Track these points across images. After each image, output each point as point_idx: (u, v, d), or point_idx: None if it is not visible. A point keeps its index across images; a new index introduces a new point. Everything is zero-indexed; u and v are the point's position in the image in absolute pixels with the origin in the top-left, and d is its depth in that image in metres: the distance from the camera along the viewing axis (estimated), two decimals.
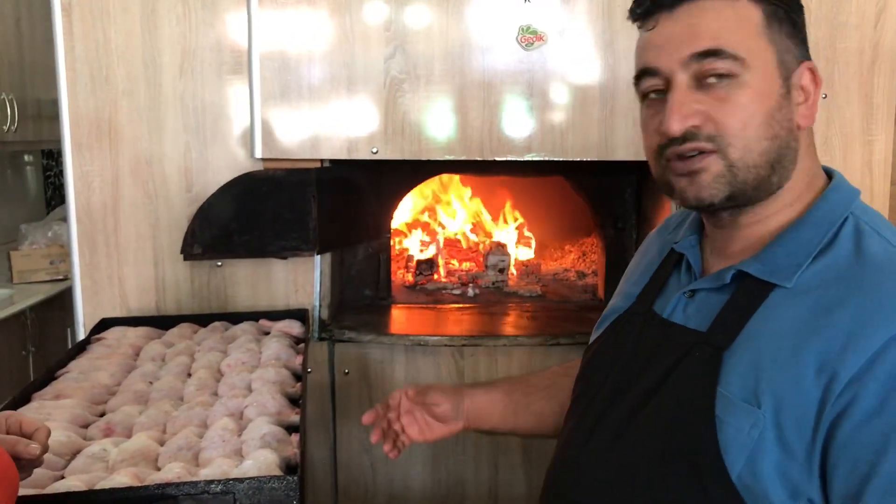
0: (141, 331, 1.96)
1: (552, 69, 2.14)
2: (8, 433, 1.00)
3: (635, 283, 1.13)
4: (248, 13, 2.09)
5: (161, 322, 2.04)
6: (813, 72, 0.94)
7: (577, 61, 2.14)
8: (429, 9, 2.11)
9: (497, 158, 2.17)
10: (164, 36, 2.13)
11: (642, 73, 0.96)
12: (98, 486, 1.14)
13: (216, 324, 2.02)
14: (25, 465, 0.98)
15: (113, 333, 1.95)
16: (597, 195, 2.62)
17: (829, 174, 0.99)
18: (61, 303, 3.70)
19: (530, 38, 2.11)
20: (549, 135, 2.17)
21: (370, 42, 2.11)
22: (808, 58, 0.95)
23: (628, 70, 2.10)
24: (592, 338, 1.18)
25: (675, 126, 0.90)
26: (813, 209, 0.93)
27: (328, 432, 2.27)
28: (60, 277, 3.75)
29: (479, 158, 2.17)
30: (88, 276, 2.19)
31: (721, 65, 0.88)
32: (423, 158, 2.18)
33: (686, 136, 0.90)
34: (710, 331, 0.92)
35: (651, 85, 0.95)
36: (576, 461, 1.02)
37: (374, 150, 2.14)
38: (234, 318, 2.07)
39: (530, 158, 2.18)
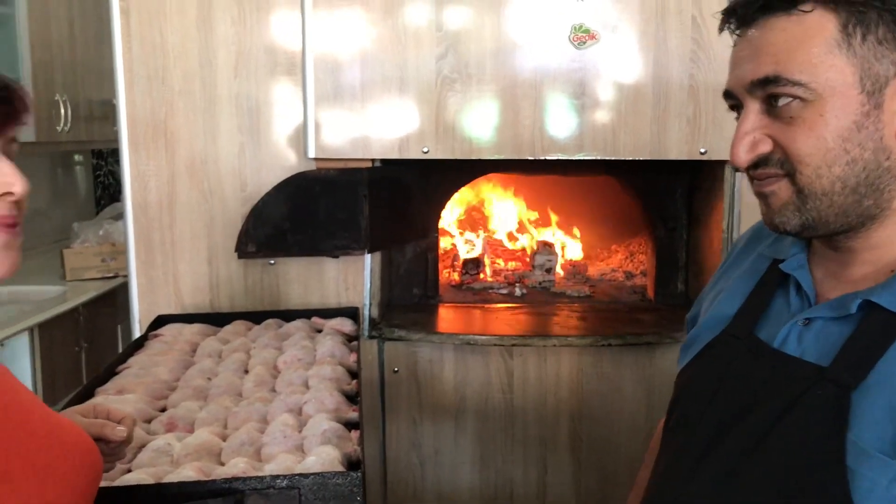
0: (196, 327, 2.00)
1: (604, 68, 2.13)
2: None
3: (728, 302, 1.02)
4: (302, 15, 2.12)
5: (215, 319, 2.07)
6: None
7: (629, 60, 2.13)
8: (480, 9, 2.11)
9: (548, 157, 2.17)
10: (219, 37, 2.16)
11: (725, 93, 0.92)
12: (165, 480, 1.16)
13: (270, 321, 2.05)
14: (108, 456, 1.01)
15: (169, 330, 1.98)
16: (647, 195, 2.59)
17: None
18: (112, 300, 3.77)
19: (583, 36, 2.10)
20: (601, 134, 2.16)
21: (422, 42, 2.12)
22: None
23: (681, 68, 2.11)
24: (683, 361, 1.08)
25: (740, 157, 0.86)
26: None
27: (377, 430, 2.28)
28: (111, 275, 3.82)
29: (529, 157, 2.17)
30: (144, 273, 2.23)
31: (782, 90, 0.82)
32: (474, 158, 2.18)
33: (758, 162, 0.86)
34: (834, 366, 0.82)
35: (732, 104, 0.92)
36: (676, 499, 0.94)
37: (425, 149, 2.15)
38: (287, 315, 2.09)
39: (582, 157, 2.17)
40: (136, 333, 2.24)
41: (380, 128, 2.15)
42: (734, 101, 0.90)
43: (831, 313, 0.87)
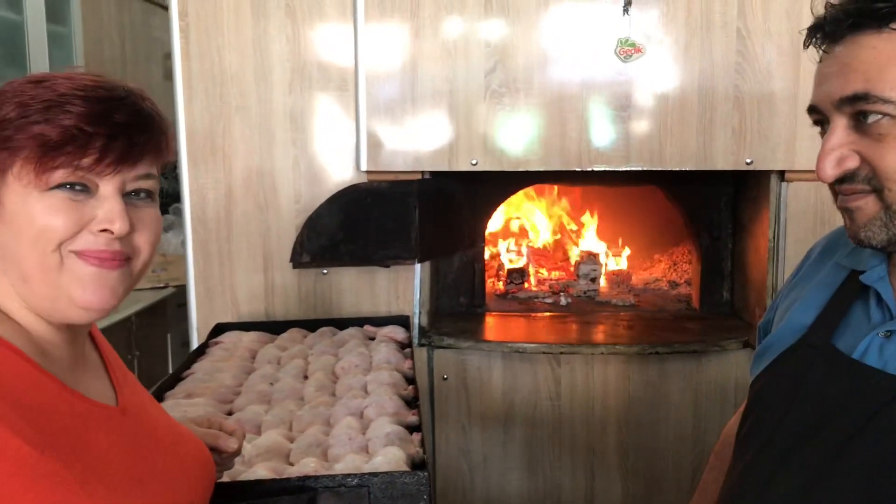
0: (254, 335, 2.06)
1: (649, 80, 2.17)
2: None
3: (804, 311, 1.02)
4: (355, 28, 2.18)
5: (271, 327, 2.13)
6: None
7: (674, 72, 2.16)
8: (527, 24, 2.16)
9: (595, 168, 2.21)
10: (273, 54, 2.23)
11: (810, 108, 0.93)
12: (241, 479, 1.22)
13: (324, 329, 2.11)
14: (219, 465, 1.07)
15: (229, 337, 2.05)
16: (692, 204, 2.62)
17: None
18: (162, 309, 3.88)
19: (629, 50, 2.14)
20: (647, 145, 2.19)
21: (471, 57, 2.17)
22: None
23: (726, 80, 2.14)
24: (757, 369, 1.08)
25: (826, 173, 0.87)
26: None
27: (427, 436, 2.32)
28: (161, 285, 3.93)
29: (577, 169, 2.21)
30: (202, 282, 2.31)
31: (872, 107, 0.83)
32: (522, 170, 2.23)
33: (844, 178, 0.87)
34: None
35: (816, 119, 0.93)
36: (760, 500, 0.95)
37: (474, 161, 2.20)
38: (340, 323, 2.15)
39: (629, 168, 2.21)
40: (194, 341, 2.31)
41: (429, 141, 2.21)
42: (819, 115, 0.91)
43: None
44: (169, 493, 0.88)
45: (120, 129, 0.81)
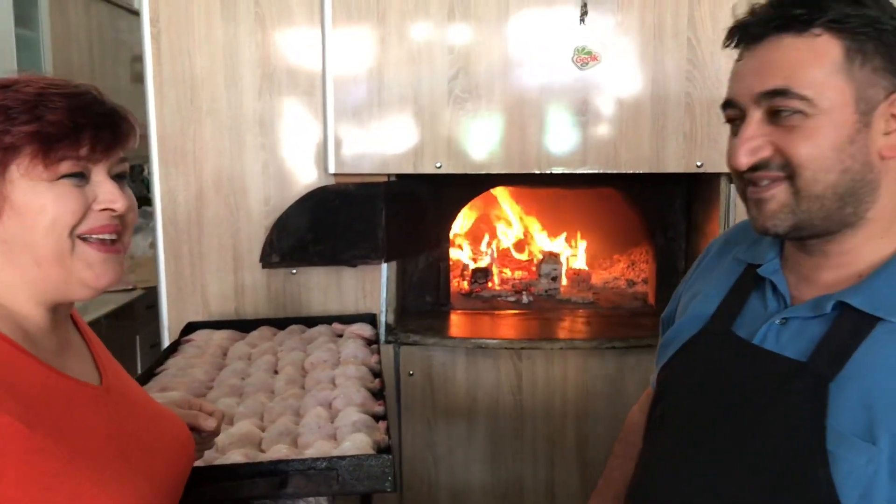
0: (225, 333, 2.13)
1: (605, 87, 2.27)
2: None
3: (706, 302, 1.10)
4: (322, 33, 2.26)
5: (241, 325, 2.20)
6: None
7: (629, 79, 2.27)
8: (488, 33, 2.25)
9: (554, 171, 2.30)
10: (243, 59, 2.30)
11: (725, 104, 1.00)
12: (217, 463, 1.29)
13: (293, 327, 2.18)
14: (198, 444, 1.14)
15: (200, 336, 2.11)
16: (647, 206, 2.73)
17: None
18: (130, 312, 3.90)
19: (585, 58, 2.24)
20: (603, 149, 2.30)
21: (435, 63, 2.26)
22: None
23: (678, 87, 2.25)
24: (663, 359, 1.15)
25: (741, 160, 0.94)
26: None
27: (394, 430, 2.40)
28: (130, 287, 3.95)
29: (536, 171, 2.31)
30: (174, 283, 2.37)
31: (789, 102, 0.90)
32: (483, 172, 2.32)
33: (757, 166, 0.93)
34: (812, 361, 0.91)
35: (729, 115, 0.99)
36: (669, 489, 1.02)
37: (438, 164, 2.29)
38: (309, 321, 2.22)
39: (585, 171, 2.31)
40: (165, 340, 2.37)
41: (395, 144, 2.29)
42: (734, 110, 0.98)
43: (808, 313, 0.95)
44: (151, 466, 0.96)
45: (103, 119, 0.91)
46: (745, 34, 0.96)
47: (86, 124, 0.89)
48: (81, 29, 4.04)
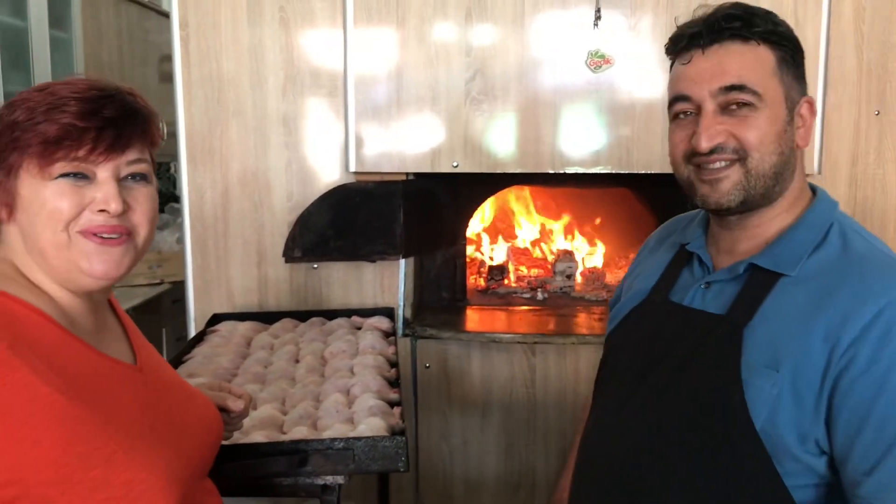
0: (248, 324, 2.21)
1: (618, 89, 2.33)
2: None
3: (646, 278, 1.31)
4: (345, 34, 2.34)
5: (265, 317, 2.29)
6: (811, 104, 1.16)
7: (641, 81, 2.33)
8: (504, 36, 2.32)
9: (567, 171, 2.37)
10: (268, 61, 2.39)
11: (676, 99, 1.16)
12: (241, 442, 1.37)
13: (314, 319, 2.26)
14: (227, 425, 1.23)
15: (225, 326, 2.20)
16: (660, 206, 2.78)
17: (813, 189, 1.20)
18: (158, 305, 4.02)
19: (598, 61, 2.30)
20: (616, 150, 2.36)
21: (452, 65, 2.33)
22: (807, 94, 1.16)
23: None
24: (610, 328, 1.36)
25: (705, 144, 1.10)
26: (805, 216, 1.15)
27: (410, 421, 2.48)
28: (157, 281, 4.07)
29: (550, 171, 2.37)
30: (200, 276, 2.46)
31: (743, 97, 1.09)
32: (499, 171, 2.39)
33: (714, 150, 1.11)
34: (730, 313, 1.11)
35: (683, 108, 1.15)
36: (616, 426, 1.19)
37: (455, 164, 2.36)
38: (329, 314, 2.30)
39: (598, 171, 2.37)
40: (192, 330, 2.46)
41: (414, 143, 2.37)
42: (687, 104, 1.14)
43: (726, 276, 1.16)
44: (180, 440, 1.04)
45: (108, 122, 0.97)
46: (695, 41, 1.13)
47: (90, 127, 0.95)
48: (112, 30, 4.17)
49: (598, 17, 2.29)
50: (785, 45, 1.12)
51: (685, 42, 1.14)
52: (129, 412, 0.98)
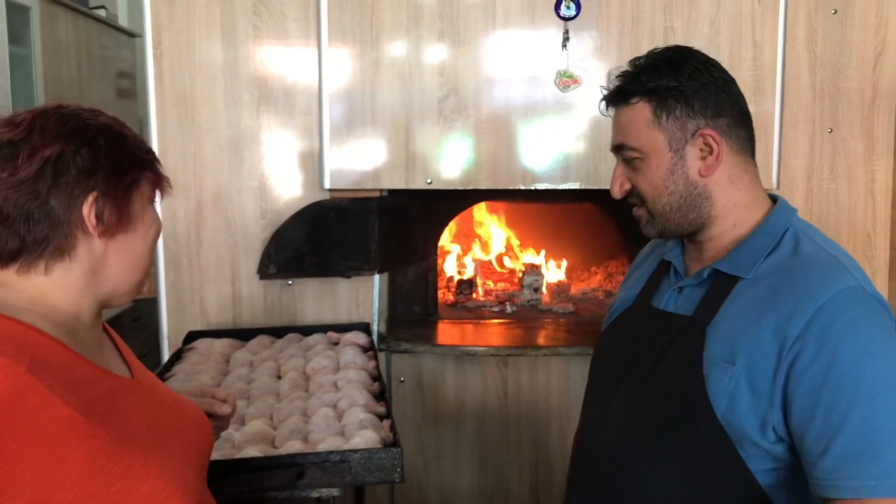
0: (225, 341, 2.22)
1: (586, 108, 2.41)
2: None
3: (633, 287, 1.44)
4: (319, 53, 2.38)
5: (241, 334, 2.29)
6: (711, 136, 1.22)
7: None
8: (476, 58, 2.39)
9: (538, 187, 2.44)
10: (243, 81, 2.41)
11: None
12: (238, 457, 1.39)
13: (291, 335, 2.28)
14: (216, 428, 1.24)
15: (201, 344, 2.20)
16: (624, 221, 2.87)
17: (773, 199, 1.30)
18: (119, 324, 3.97)
19: (567, 81, 2.38)
20: (584, 166, 2.44)
21: (425, 84, 2.39)
22: (708, 125, 1.23)
23: None
24: (603, 329, 1.50)
25: (614, 194, 1.30)
26: (764, 223, 1.25)
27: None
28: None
29: (522, 188, 2.44)
30: (173, 294, 2.46)
31: (627, 153, 1.26)
32: (472, 188, 2.45)
33: (627, 196, 1.29)
34: (696, 314, 1.23)
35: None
36: (602, 419, 1.32)
37: (429, 180, 2.41)
38: (305, 330, 2.32)
39: (567, 187, 2.44)
40: (165, 348, 2.46)
41: (388, 161, 2.41)
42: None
43: (694, 281, 1.28)
44: (181, 449, 1.06)
45: (153, 156, 1.11)
46: (606, 102, 1.30)
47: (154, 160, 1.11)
48: (71, 46, 4.12)
49: (566, 39, 2.37)
50: (665, 94, 1.22)
51: (603, 104, 1.32)
52: (138, 426, 1.01)
